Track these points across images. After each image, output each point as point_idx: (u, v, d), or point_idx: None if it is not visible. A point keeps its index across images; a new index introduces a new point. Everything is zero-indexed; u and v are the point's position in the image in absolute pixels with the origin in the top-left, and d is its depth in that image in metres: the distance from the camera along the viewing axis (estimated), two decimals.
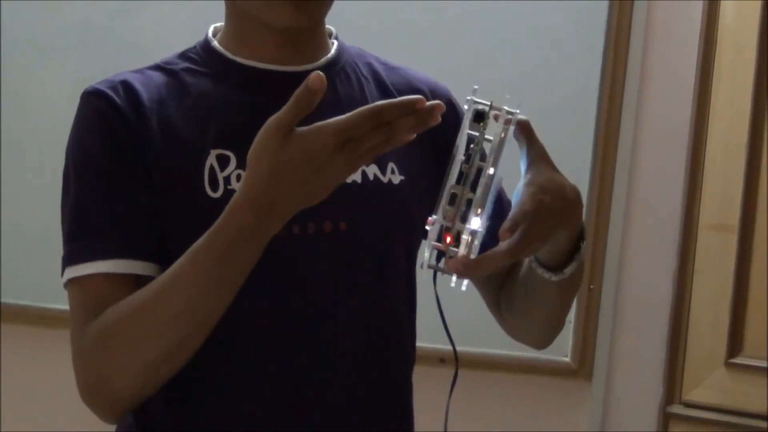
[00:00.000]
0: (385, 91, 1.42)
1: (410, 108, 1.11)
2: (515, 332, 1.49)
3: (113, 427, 1.39)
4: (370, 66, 1.45)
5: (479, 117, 1.19)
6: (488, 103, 1.20)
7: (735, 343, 2.46)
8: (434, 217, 1.17)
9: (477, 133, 1.19)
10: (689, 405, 2.49)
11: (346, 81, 1.40)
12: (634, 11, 2.50)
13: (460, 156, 1.18)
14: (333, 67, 1.40)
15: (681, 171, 2.50)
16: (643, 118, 2.52)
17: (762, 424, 2.41)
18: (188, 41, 1.44)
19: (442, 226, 1.17)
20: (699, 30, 2.48)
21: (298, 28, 1.33)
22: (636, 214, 2.53)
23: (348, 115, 1.11)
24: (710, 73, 2.48)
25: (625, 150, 2.51)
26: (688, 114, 2.49)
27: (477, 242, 1.17)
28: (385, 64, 1.47)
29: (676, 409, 2.49)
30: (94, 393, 1.27)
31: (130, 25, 2.59)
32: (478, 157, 1.18)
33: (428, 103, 1.11)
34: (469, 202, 1.17)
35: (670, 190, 2.51)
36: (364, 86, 1.41)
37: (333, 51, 1.41)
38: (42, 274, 2.50)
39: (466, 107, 1.20)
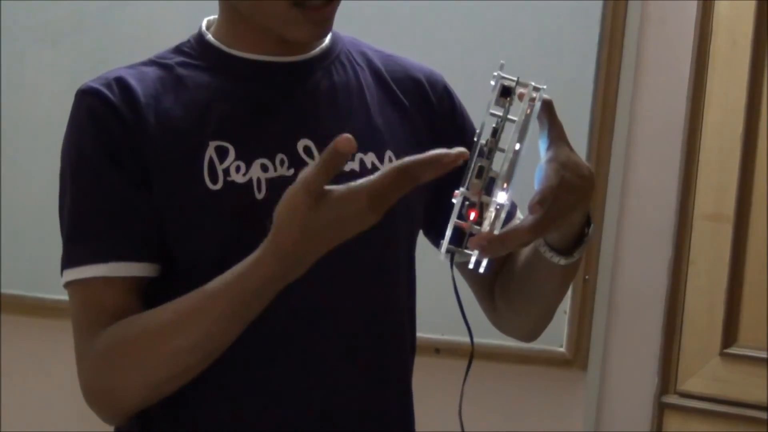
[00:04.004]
0: (380, 79, 1.43)
1: (437, 163, 1.11)
2: (506, 322, 1.49)
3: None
4: (364, 55, 1.45)
5: (506, 92, 1.19)
6: (515, 78, 1.20)
7: (730, 333, 2.46)
8: (461, 189, 1.16)
9: (503, 108, 1.19)
10: (684, 395, 2.49)
11: (342, 70, 1.40)
12: (629, 2, 2.50)
13: (486, 132, 1.18)
14: (328, 57, 1.40)
15: (676, 161, 2.50)
16: (639, 109, 2.52)
17: (757, 413, 2.41)
18: (183, 32, 1.44)
19: (465, 201, 1.17)
20: (694, 21, 2.48)
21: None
22: (631, 204, 2.54)
23: (379, 176, 1.12)
24: (705, 63, 2.48)
25: (621, 140, 2.51)
26: (683, 104, 2.49)
27: (501, 217, 1.17)
28: (379, 53, 1.47)
29: (671, 399, 2.50)
30: (97, 400, 1.30)
31: (124, 15, 2.59)
32: (504, 132, 1.18)
33: (453, 152, 1.11)
34: (493, 178, 1.17)
35: (665, 180, 2.51)
36: (359, 74, 1.41)
37: (327, 41, 1.41)
38: (42, 265, 2.51)
39: (492, 83, 1.19)
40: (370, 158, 1.35)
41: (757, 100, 2.45)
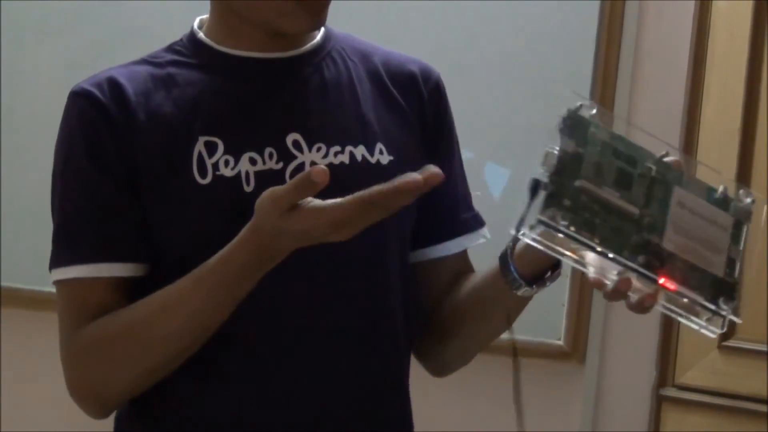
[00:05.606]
0: (375, 74, 1.43)
1: (406, 193, 1.10)
2: (428, 350, 1.48)
3: None
4: (359, 50, 1.45)
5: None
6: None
7: (728, 325, 2.46)
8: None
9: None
10: (682, 388, 2.49)
11: (333, 65, 1.41)
12: None
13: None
14: (319, 53, 1.41)
15: (674, 155, 2.50)
16: (636, 103, 2.52)
17: (756, 406, 2.41)
18: (181, 26, 1.45)
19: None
20: (692, 14, 2.48)
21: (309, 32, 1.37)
22: None
23: (344, 203, 1.12)
24: (703, 57, 2.48)
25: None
26: (681, 98, 2.49)
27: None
28: (375, 48, 1.48)
29: (669, 391, 2.50)
30: (83, 395, 1.33)
31: (123, 9, 2.59)
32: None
33: (425, 175, 1.10)
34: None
35: None
36: (350, 69, 1.42)
37: (319, 37, 1.42)
38: (41, 258, 2.51)
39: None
40: (360, 151, 1.36)
41: (755, 95, 2.44)
